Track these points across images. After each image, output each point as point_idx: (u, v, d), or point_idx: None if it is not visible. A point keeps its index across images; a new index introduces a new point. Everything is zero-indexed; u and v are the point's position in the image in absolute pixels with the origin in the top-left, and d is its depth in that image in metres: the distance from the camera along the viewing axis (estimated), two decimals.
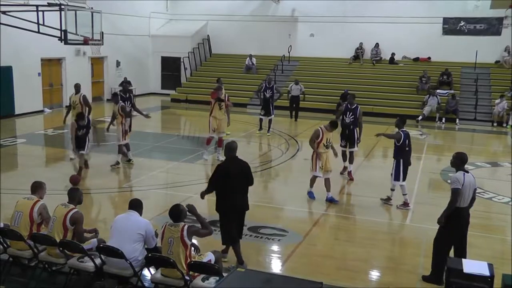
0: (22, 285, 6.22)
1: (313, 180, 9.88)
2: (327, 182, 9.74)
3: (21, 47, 18.07)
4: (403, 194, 9.48)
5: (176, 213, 5.70)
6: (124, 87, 12.85)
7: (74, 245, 5.88)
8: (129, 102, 12.47)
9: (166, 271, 5.63)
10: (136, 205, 5.99)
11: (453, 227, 6.36)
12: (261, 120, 16.60)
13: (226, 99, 13.18)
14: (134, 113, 12.66)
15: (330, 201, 9.72)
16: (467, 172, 6.37)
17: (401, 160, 9.30)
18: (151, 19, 26.76)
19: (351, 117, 11.34)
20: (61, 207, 6.16)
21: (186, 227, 5.61)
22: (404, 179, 9.37)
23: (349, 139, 11.46)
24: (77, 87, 12.73)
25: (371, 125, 19.12)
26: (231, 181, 6.59)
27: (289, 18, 25.96)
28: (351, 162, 11.54)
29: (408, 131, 9.53)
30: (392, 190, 9.61)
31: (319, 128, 9.65)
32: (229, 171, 6.63)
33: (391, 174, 9.50)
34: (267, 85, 16.69)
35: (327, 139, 9.58)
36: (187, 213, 5.83)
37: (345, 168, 11.77)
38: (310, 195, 9.93)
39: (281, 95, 18.33)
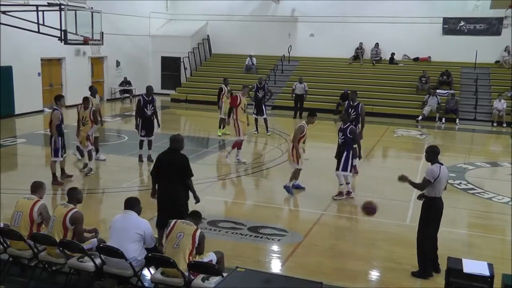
0: (22, 285, 6.21)
1: (297, 173, 10.20)
2: (299, 172, 10.28)
3: (21, 47, 18.07)
4: (340, 184, 10.02)
5: (196, 214, 5.95)
6: (148, 89, 12.21)
7: (74, 245, 5.87)
8: (151, 105, 12.09)
9: (166, 270, 5.63)
10: (133, 204, 5.95)
11: (432, 217, 6.61)
12: (256, 120, 16.64)
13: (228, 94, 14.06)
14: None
15: (297, 187, 10.38)
16: (442, 164, 6.62)
17: (351, 152, 9.86)
18: (151, 19, 26.76)
19: (353, 114, 11.63)
20: (60, 207, 6.16)
21: (199, 230, 5.73)
22: (350, 170, 9.96)
23: None
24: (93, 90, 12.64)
25: (371, 125, 19.15)
26: (162, 172, 6.81)
27: (289, 18, 25.96)
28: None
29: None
30: (348, 183, 10.03)
31: (303, 124, 10.08)
32: (162, 162, 6.87)
33: (339, 169, 9.91)
34: (259, 85, 16.72)
35: (305, 134, 10.16)
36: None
37: None
38: (290, 190, 10.14)
39: (272, 94, 18.44)
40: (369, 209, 7.29)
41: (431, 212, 6.60)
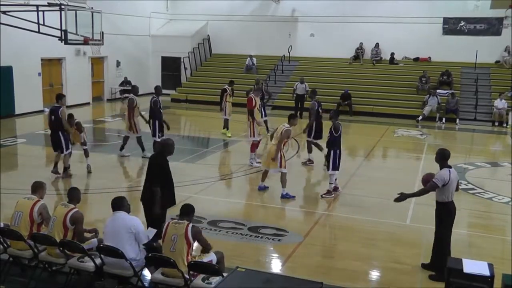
0: (22, 285, 6.21)
1: (285, 178, 9.92)
2: (266, 174, 10.27)
3: (21, 47, 18.06)
4: (330, 183, 9.96)
5: (187, 211, 5.78)
6: (158, 89, 12.65)
7: (74, 245, 5.87)
8: (161, 105, 12.48)
9: (166, 270, 5.63)
10: (119, 204, 5.93)
11: (448, 221, 6.60)
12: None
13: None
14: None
15: (262, 188, 10.37)
16: (451, 167, 6.59)
17: (338, 151, 9.78)
18: (151, 19, 26.76)
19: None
20: (61, 207, 6.16)
21: (190, 225, 5.64)
22: (338, 169, 9.88)
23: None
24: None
25: (371, 125, 19.19)
26: (147, 174, 6.87)
27: (289, 18, 25.96)
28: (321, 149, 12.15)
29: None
30: (331, 183, 10.00)
31: (290, 128, 9.92)
32: (148, 164, 6.95)
33: (328, 167, 9.92)
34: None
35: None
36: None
37: (310, 160, 12.57)
38: (289, 195, 9.90)
39: (271, 95, 18.43)
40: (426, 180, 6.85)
41: (443, 216, 6.59)
